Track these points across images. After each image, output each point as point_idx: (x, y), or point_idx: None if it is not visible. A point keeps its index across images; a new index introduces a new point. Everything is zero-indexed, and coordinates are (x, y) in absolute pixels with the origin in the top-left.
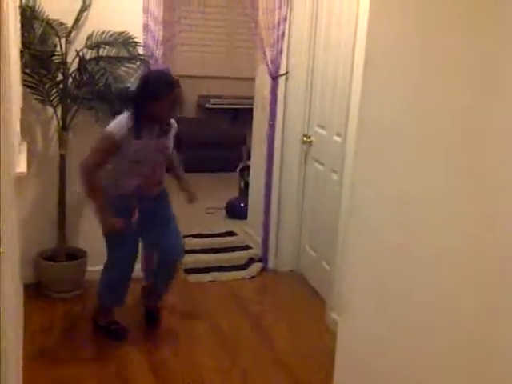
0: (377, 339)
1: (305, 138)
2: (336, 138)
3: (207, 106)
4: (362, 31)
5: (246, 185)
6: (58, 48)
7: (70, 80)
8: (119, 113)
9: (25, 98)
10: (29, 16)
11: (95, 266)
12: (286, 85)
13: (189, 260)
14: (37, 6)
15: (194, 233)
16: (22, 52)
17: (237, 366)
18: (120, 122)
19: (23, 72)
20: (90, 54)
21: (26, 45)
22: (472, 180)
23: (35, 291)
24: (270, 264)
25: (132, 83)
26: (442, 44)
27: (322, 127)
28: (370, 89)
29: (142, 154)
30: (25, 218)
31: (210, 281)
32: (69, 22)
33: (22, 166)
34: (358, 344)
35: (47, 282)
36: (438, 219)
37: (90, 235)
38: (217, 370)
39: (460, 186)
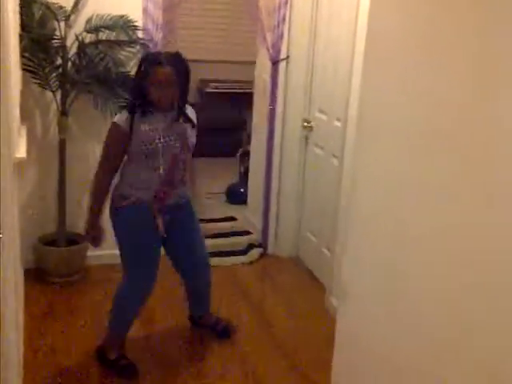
0: (376, 324)
1: (305, 123)
2: (336, 123)
3: (207, 90)
4: (364, 15)
5: (246, 170)
6: (58, 32)
7: (70, 64)
8: (118, 97)
9: (24, 82)
10: None
11: (95, 251)
12: (286, 69)
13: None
14: None
15: None
16: (21, 36)
17: (236, 351)
18: (123, 112)
19: (22, 56)
20: (89, 38)
21: (25, 28)
22: (472, 165)
23: (36, 276)
24: (270, 249)
25: (131, 67)
26: (446, 27)
27: (323, 112)
28: (370, 73)
29: (151, 139)
30: (25, 202)
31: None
32: (68, 5)
33: (21, 151)
34: (357, 329)
35: (47, 266)
36: (438, 202)
37: None
38: (216, 355)
39: (460, 170)
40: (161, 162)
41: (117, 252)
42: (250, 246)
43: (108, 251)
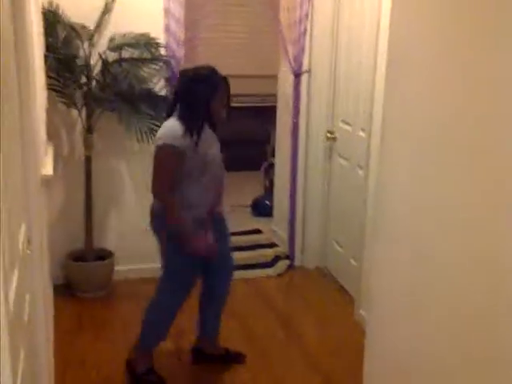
0: (406, 336)
1: (329, 134)
2: (361, 134)
3: (230, 104)
4: (385, 25)
5: (271, 182)
6: (81, 51)
7: (94, 82)
8: (142, 114)
9: (50, 101)
10: (52, 20)
11: (122, 266)
12: (308, 81)
13: None
14: (59, 10)
15: None
16: (46, 56)
17: (266, 365)
18: (172, 130)
19: (48, 76)
20: (112, 57)
21: (49, 49)
22: (497, 183)
23: (65, 291)
24: (297, 261)
25: (154, 84)
26: (465, 41)
27: (347, 123)
28: (393, 83)
29: (208, 153)
30: (53, 219)
31: (237, 279)
32: (91, 25)
33: (48, 169)
34: (386, 341)
35: (76, 282)
36: (465, 217)
37: (117, 235)
38: (246, 370)
39: (485, 187)
40: (213, 179)
41: (143, 266)
42: (277, 259)
43: (135, 266)
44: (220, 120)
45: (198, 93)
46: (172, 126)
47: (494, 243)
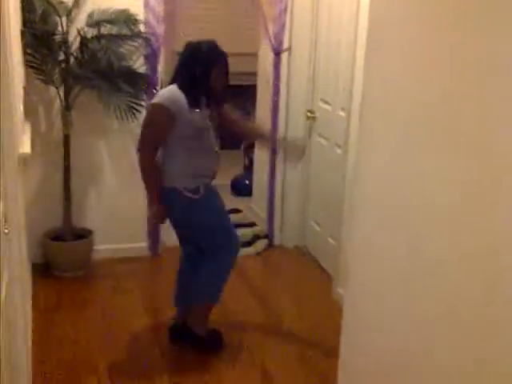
0: (381, 313)
1: (309, 114)
2: (341, 113)
3: None
4: (365, 4)
5: (251, 162)
6: (59, 27)
7: (72, 59)
8: (121, 91)
9: (27, 78)
10: None
11: (102, 245)
12: (289, 60)
13: None
14: None
15: None
16: (23, 32)
17: (244, 342)
18: (170, 93)
19: (25, 52)
20: (91, 33)
21: (27, 24)
22: (485, 165)
23: (43, 270)
24: (276, 240)
25: (134, 61)
26: (448, 19)
27: (326, 102)
28: (373, 62)
29: (200, 120)
30: (30, 198)
31: None
32: (69, 0)
33: (26, 147)
34: (363, 318)
35: (54, 261)
36: (439, 188)
37: (96, 215)
38: (225, 346)
39: (465, 165)
40: (210, 143)
41: (122, 246)
42: (256, 238)
43: (114, 245)
44: (217, 95)
45: (198, 64)
46: (170, 90)
47: (483, 229)
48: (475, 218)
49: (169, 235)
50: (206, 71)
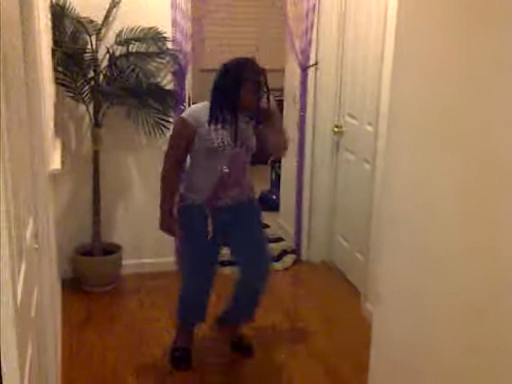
0: (412, 330)
1: (336, 128)
2: (368, 128)
3: None
4: (392, 19)
5: (278, 177)
6: (89, 45)
7: (101, 77)
8: (149, 108)
9: (58, 95)
10: (59, 14)
11: (130, 260)
12: (315, 75)
13: (223, 253)
14: (67, 4)
15: None
16: (53, 50)
17: (272, 358)
18: (195, 107)
19: (55, 70)
20: (120, 51)
21: (57, 43)
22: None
23: (72, 285)
24: (303, 255)
25: (161, 78)
26: (472, 36)
27: (353, 117)
28: (400, 76)
29: (216, 140)
30: (60, 214)
31: None
32: (99, 19)
33: (56, 163)
34: (392, 335)
35: (84, 276)
36: (471, 209)
37: (125, 230)
38: (252, 362)
39: (496, 182)
40: (219, 163)
41: (151, 260)
42: (283, 253)
43: (142, 260)
44: (251, 108)
45: (225, 81)
46: (198, 106)
47: (506, 239)
48: (509, 236)
49: None
50: (231, 88)
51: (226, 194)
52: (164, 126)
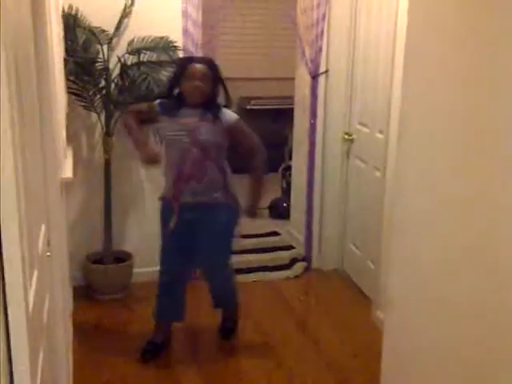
0: (423, 338)
1: (346, 136)
2: (378, 135)
3: (248, 107)
4: (402, 27)
5: (288, 185)
6: (101, 55)
7: (113, 86)
8: None
9: (70, 104)
10: (71, 24)
11: (141, 268)
12: (326, 83)
13: (239, 260)
14: (79, 14)
15: None
16: (65, 60)
17: (282, 366)
18: (171, 100)
19: (67, 79)
20: (131, 60)
21: (69, 52)
22: None
23: (84, 293)
24: (314, 263)
25: None
26: (484, 40)
27: (364, 124)
28: (410, 84)
29: (167, 132)
30: (72, 222)
31: (254, 281)
32: (110, 28)
33: (68, 172)
34: (404, 343)
35: (95, 284)
36: (482, 216)
37: (136, 238)
38: (262, 370)
39: (509, 189)
40: (174, 155)
41: None
42: (294, 261)
43: (153, 268)
44: (195, 101)
45: (169, 77)
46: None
47: None
48: None
49: None
50: (173, 80)
51: (185, 190)
52: None
